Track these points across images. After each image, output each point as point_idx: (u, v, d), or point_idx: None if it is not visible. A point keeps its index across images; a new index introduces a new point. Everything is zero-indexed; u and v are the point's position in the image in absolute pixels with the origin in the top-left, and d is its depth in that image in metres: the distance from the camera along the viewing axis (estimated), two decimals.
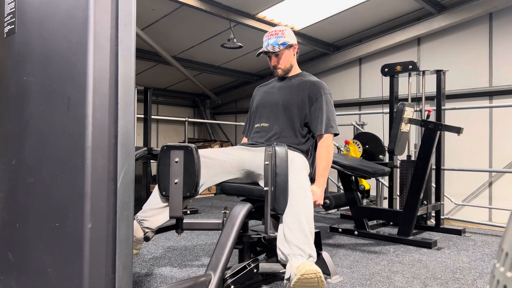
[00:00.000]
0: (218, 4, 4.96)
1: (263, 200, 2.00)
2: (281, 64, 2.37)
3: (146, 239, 1.99)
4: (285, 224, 1.89)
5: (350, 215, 4.04)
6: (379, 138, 4.13)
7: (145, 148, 4.06)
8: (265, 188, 1.94)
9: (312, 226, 1.90)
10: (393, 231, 3.53)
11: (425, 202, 3.50)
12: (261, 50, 2.36)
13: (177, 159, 2.00)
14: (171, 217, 2.01)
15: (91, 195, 1.23)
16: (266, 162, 1.93)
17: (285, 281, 1.85)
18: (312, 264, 1.78)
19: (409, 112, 3.38)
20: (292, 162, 1.95)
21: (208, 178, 2.09)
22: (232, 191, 2.17)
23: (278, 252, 1.90)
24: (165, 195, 2.00)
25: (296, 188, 1.91)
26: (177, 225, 2.13)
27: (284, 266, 1.89)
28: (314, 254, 1.85)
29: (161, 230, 2.15)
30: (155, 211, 2.03)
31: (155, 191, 2.06)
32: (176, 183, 1.99)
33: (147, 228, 2.00)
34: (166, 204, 2.02)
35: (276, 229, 1.97)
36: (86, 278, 1.22)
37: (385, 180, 4.43)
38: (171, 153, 2.01)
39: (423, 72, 3.86)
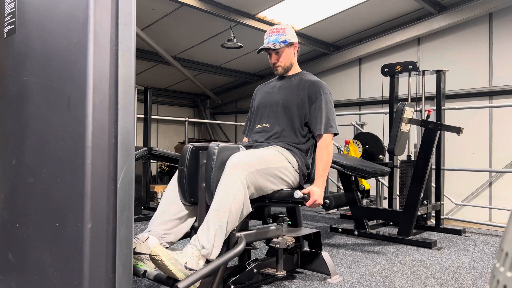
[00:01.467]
0: (218, 4, 4.96)
1: (261, 200, 2.00)
2: (281, 62, 2.37)
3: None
4: None
5: (350, 215, 4.04)
6: (379, 138, 4.13)
7: (145, 148, 4.06)
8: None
9: (222, 220, 1.75)
10: (393, 231, 3.53)
11: (425, 202, 3.50)
12: (261, 47, 2.36)
13: (204, 161, 1.86)
14: (198, 227, 1.82)
15: (91, 195, 1.24)
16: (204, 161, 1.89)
17: None
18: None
19: (409, 112, 3.38)
20: (229, 160, 1.86)
21: None
22: None
23: None
24: (193, 202, 1.87)
25: (219, 184, 1.83)
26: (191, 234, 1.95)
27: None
28: (208, 246, 1.70)
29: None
30: (176, 221, 1.88)
31: (169, 198, 1.92)
32: (204, 187, 1.85)
33: (170, 242, 1.86)
34: (188, 211, 1.91)
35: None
36: (86, 278, 1.22)
37: (385, 180, 4.43)
38: (200, 154, 1.85)
39: (423, 72, 3.86)
